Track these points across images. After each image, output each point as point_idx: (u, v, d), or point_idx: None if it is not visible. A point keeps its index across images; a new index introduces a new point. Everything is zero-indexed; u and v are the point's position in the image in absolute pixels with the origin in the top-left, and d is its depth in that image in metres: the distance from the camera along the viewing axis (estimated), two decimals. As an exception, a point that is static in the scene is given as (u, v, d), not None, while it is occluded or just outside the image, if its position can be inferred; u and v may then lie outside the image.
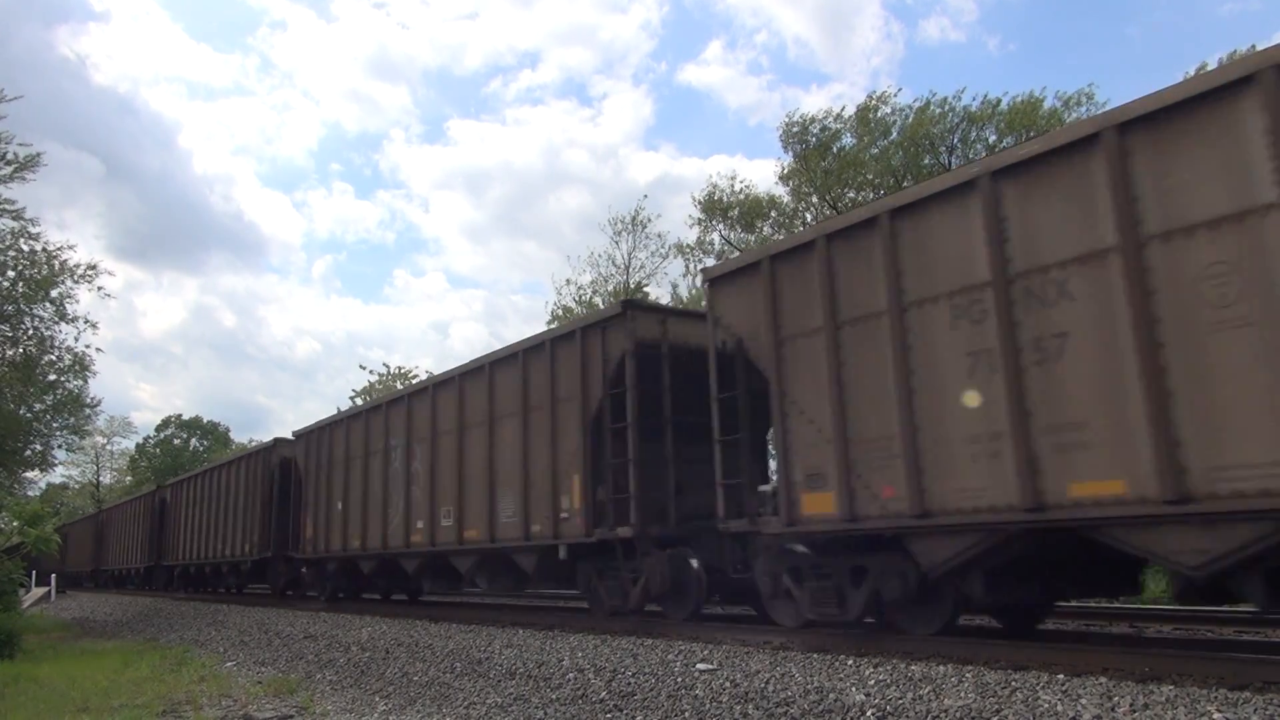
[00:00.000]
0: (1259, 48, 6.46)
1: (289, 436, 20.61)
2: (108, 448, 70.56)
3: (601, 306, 30.83)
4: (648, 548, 9.69)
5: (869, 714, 5.51)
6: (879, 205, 7.72)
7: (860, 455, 7.48)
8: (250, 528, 21.28)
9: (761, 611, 9.22)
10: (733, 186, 31.60)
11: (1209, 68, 19.86)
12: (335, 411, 20.35)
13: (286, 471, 20.10)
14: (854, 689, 5.97)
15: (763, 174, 67.00)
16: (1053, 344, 6.30)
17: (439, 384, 13.99)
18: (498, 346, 12.99)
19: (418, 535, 13.95)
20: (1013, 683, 5.59)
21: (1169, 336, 5.68)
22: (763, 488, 8.65)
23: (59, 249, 22.04)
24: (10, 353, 22.41)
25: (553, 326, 12.26)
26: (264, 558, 20.59)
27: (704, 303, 9.87)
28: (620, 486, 9.90)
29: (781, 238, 12.47)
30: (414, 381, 33.76)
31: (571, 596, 15.95)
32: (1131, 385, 5.80)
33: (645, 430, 9.88)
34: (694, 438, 9.67)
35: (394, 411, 15.25)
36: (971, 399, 6.71)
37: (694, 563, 9.48)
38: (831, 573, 7.99)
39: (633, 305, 10.39)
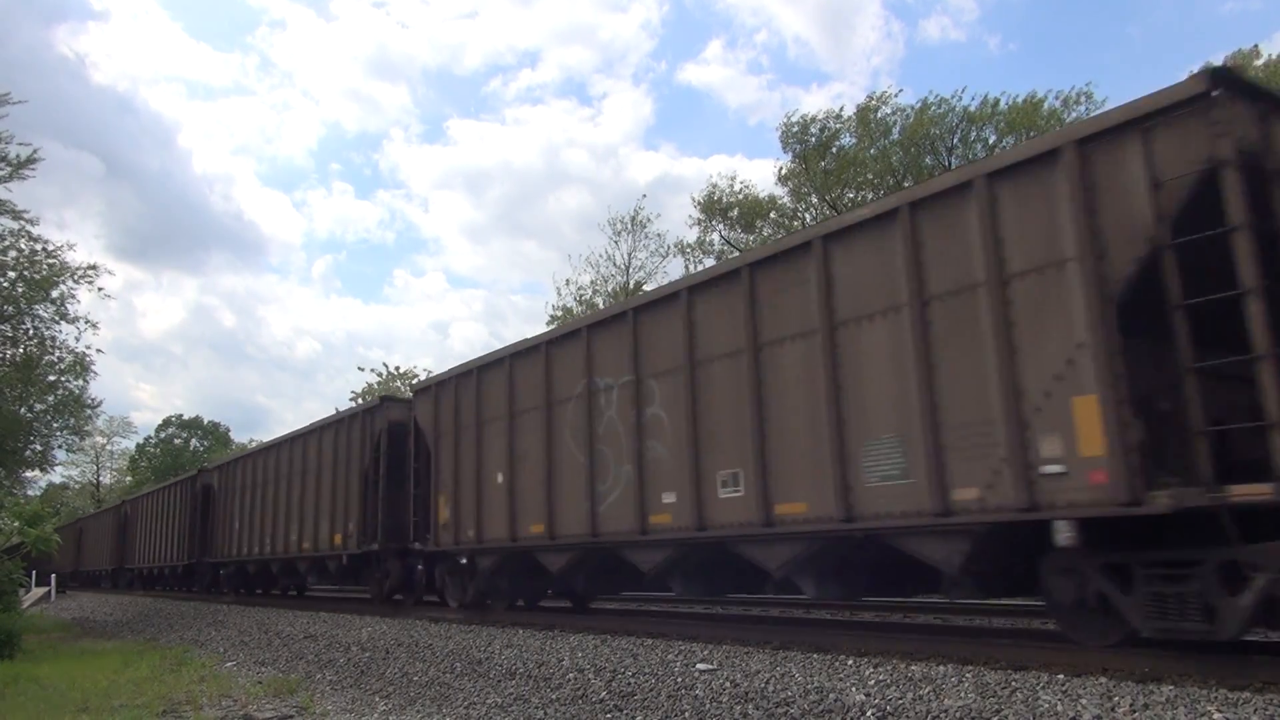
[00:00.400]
0: (1261, 47, 6.03)
1: (400, 396, 19.56)
2: (108, 448, 70.65)
3: (602, 307, 30.84)
4: (389, 556, 15.32)
5: (869, 714, 5.51)
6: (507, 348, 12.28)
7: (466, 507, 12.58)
8: (183, 538, 22.67)
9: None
10: (732, 187, 31.66)
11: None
12: (331, 411, 20.61)
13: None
14: (854, 689, 5.97)
15: (762, 174, 67.24)
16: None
17: (291, 439, 20.21)
18: (498, 346, 13.79)
19: (279, 545, 19.15)
20: (1013, 683, 5.59)
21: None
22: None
23: (59, 249, 22.10)
24: (11, 353, 22.44)
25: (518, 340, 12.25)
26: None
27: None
28: (374, 515, 15.50)
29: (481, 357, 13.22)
30: (424, 377, 33.67)
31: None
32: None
33: (393, 480, 15.14)
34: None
35: (268, 456, 20.77)
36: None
37: (419, 567, 14.94)
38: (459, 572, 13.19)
39: (387, 399, 16.68)
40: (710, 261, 30.52)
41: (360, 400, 44.85)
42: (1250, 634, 8.45)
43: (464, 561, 12.99)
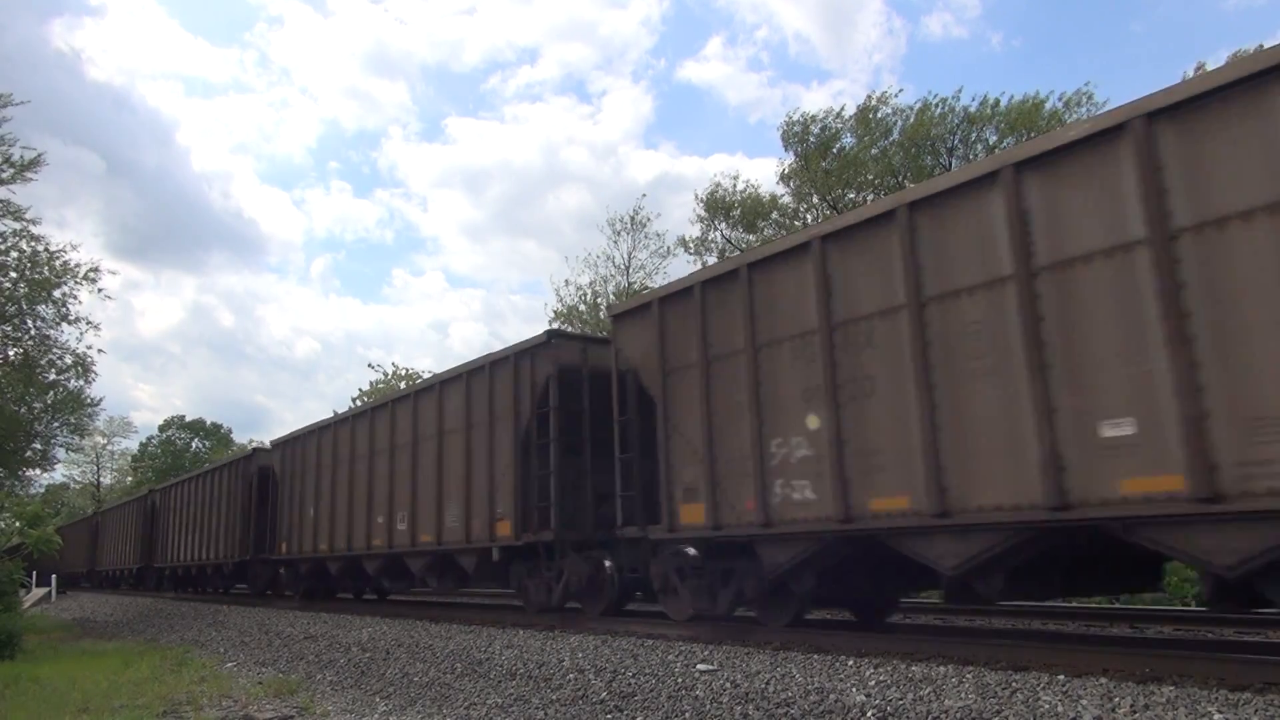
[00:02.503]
0: (1265, 45, 6.45)
1: (266, 445, 22.20)
2: (108, 448, 70.68)
3: (602, 306, 30.86)
4: (566, 550, 11.11)
5: (869, 715, 5.51)
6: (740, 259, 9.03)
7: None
8: (232, 531, 22.17)
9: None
10: (735, 186, 31.67)
11: (1208, 67, 19.84)
12: (327, 414, 20.47)
13: (265, 478, 20.86)
14: (854, 689, 5.97)
15: (763, 173, 66.73)
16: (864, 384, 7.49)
17: (396, 400, 15.43)
18: (498, 346, 13.19)
19: (379, 539, 15.09)
20: (1013, 683, 5.59)
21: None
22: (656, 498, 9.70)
23: (60, 250, 22.11)
24: (12, 353, 22.45)
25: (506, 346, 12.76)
26: (244, 560, 21.49)
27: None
28: (543, 495, 11.14)
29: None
30: (414, 382, 33.83)
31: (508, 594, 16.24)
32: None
33: (565, 445, 11.16)
34: (609, 452, 10.38)
35: (359, 424, 16.55)
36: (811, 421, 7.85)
37: (607, 564, 10.66)
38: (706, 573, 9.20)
39: (556, 334, 11.75)
40: (712, 259, 30.56)
41: (363, 399, 44.87)
42: (1251, 634, 8.47)
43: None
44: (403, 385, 41.16)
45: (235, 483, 22.28)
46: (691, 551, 9.16)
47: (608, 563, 10.69)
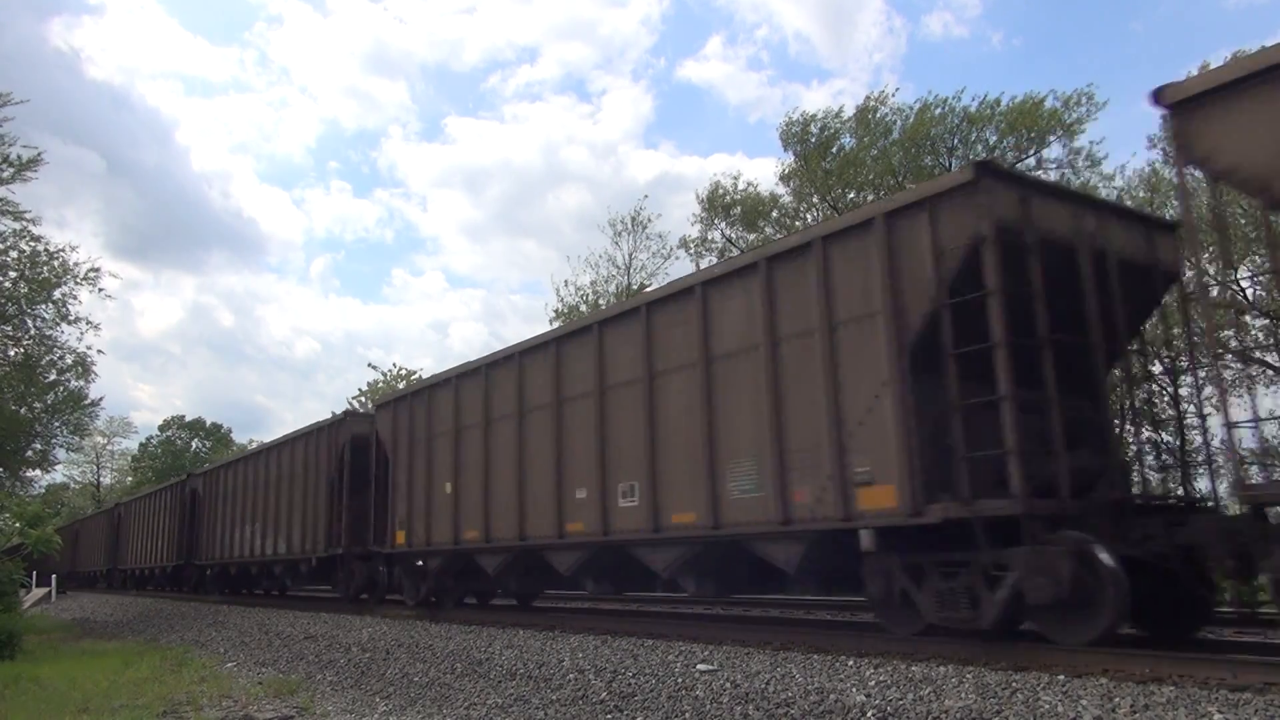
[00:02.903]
0: (1266, 45, 6.13)
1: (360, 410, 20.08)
2: (108, 448, 70.70)
3: (604, 307, 30.62)
4: (1035, 532, 6.51)
5: (869, 715, 5.51)
6: None
7: None
8: (313, 519, 17.76)
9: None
10: (736, 185, 31.68)
11: (1212, 66, 19.81)
12: (326, 415, 19.73)
13: (361, 450, 16.61)
14: (855, 690, 5.97)
15: (763, 173, 66.78)
16: None
17: (611, 318, 10.65)
18: (498, 347, 12.37)
19: (578, 521, 10.58)
20: (1013, 684, 5.59)
21: None
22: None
23: (60, 250, 22.12)
24: (13, 353, 22.47)
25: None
26: (332, 555, 16.95)
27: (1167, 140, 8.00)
28: (981, 440, 6.82)
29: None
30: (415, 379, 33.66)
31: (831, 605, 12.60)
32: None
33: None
34: (1069, 371, 7.14)
35: (536, 359, 11.74)
36: None
37: (1104, 556, 6.25)
38: None
39: (988, 170, 7.10)
40: (712, 260, 30.55)
41: (364, 399, 44.97)
42: (1251, 634, 8.45)
43: (415, 562, 15.27)
44: (401, 385, 41.15)
45: (318, 458, 17.88)
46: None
47: (1105, 555, 6.39)
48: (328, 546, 17.00)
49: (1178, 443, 8.23)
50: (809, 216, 29.48)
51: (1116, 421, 7.99)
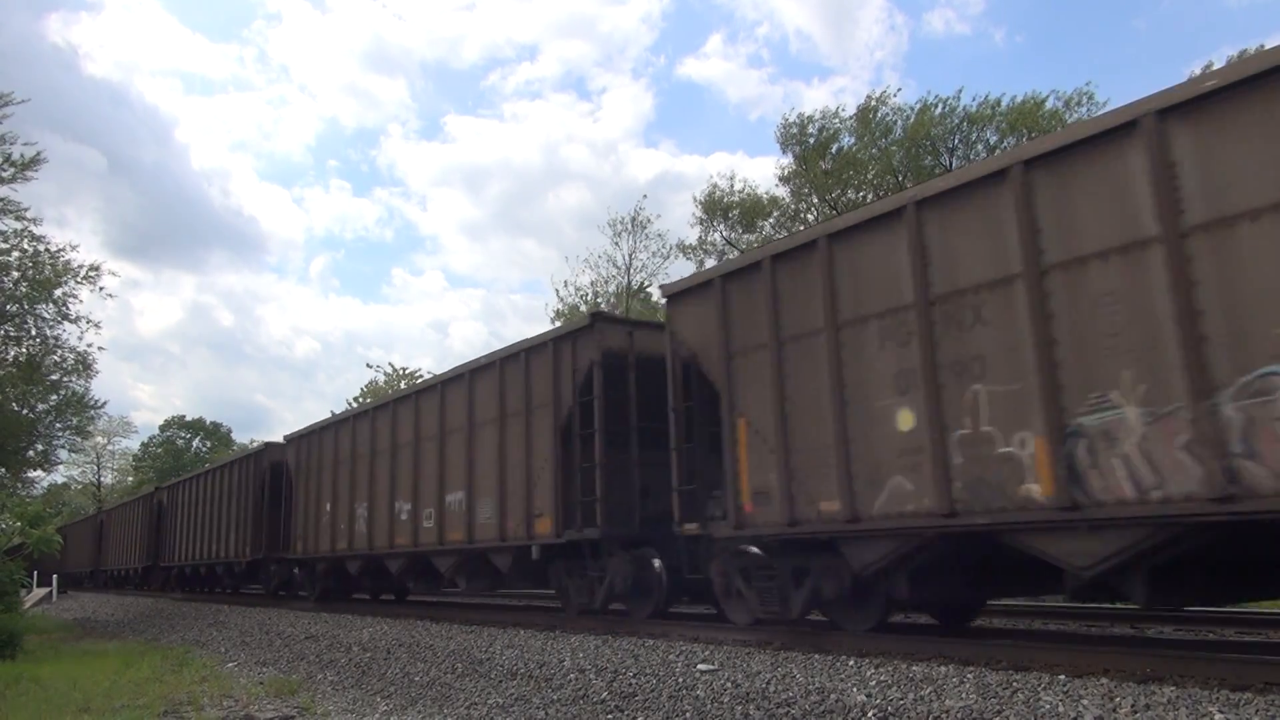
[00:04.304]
0: (1267, 45, 6.27)
1: (279, 440, 20.89)
2: (109, 448, 70.72)
3: (604, 307, 30.88)
4: (613, 548, 10.30)
5: (870, 715, 5.51)
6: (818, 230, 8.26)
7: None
8: (243, 530, 21.34)
9: (720, 610, 9.41)
10: (733, 186, 31.70)
11: (1214, 66, 19.87)
12: (330, 414, 20.03)
13: (278, 474, 20.32)
14: (855, 690, 5.97)
15: (764, 172, 66.67)
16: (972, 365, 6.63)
17: (421, 391, 14.63)
18: (498, 346, 13.33)
19: (402, 537, 14.34)
20: (1014, 683, 5.59)
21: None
22: (716, 493, 8.94)
23: (61, 250, 22.13)
24: (14, 352, 22.48)
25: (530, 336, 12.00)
26: (256, 559, 20.84)
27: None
28: (588, 489, 10.38)
29: (739, 255, 12.89)
30: (415, 381, 33.80)
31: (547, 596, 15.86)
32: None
33: (611, 436, 10.45)
34: (658, 443, 9.89)
35: (380, 416, 15.76)
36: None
37: (656, 563, 9.94)
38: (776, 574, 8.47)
39: (600, 317, 10.90)
40: (712, 261, 30.54)
41: (364, 398, 44.86)
42: (1251, 634, 8.47)
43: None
44: (401, 384, 41.15)
45: (247, 479, 21.52)
46: (756, 550, 8.59)
47: (656, 561, 9.83)
48: (253, 551, 20.73)
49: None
50: (809, 217, 29.49)
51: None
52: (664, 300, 9.86)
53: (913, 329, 7.02)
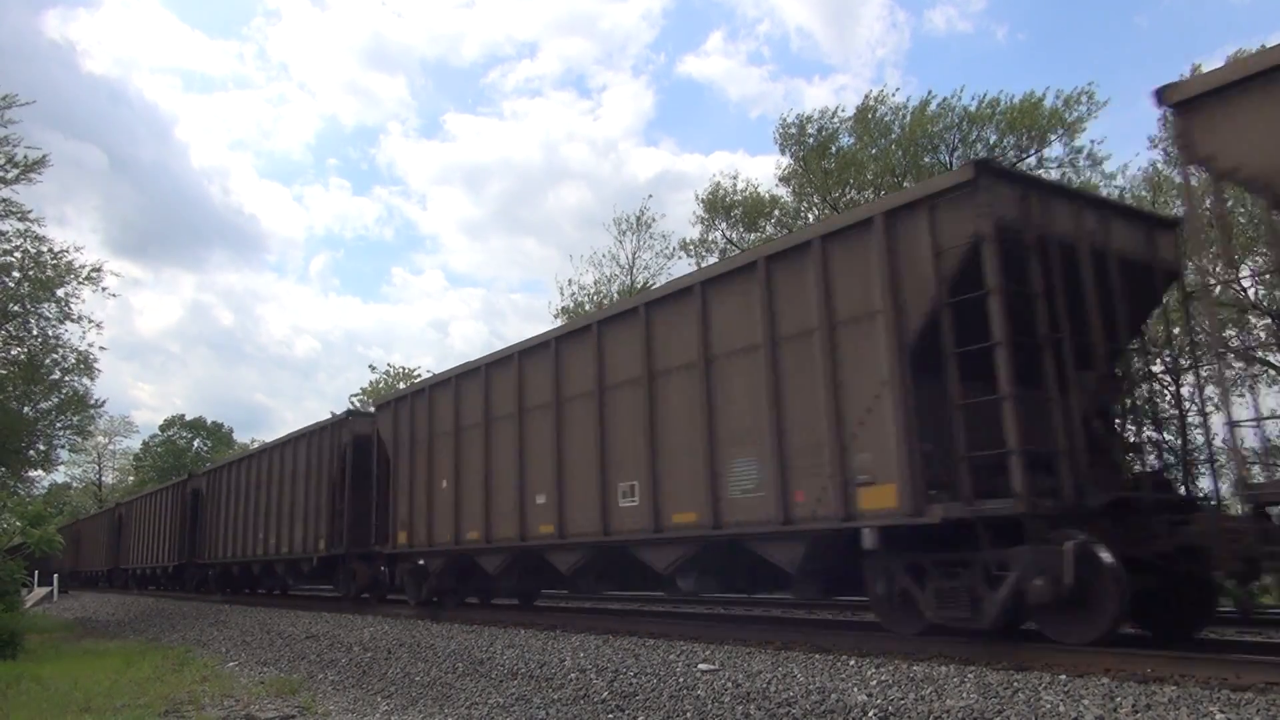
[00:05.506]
0: (1267, 44, 6.04)
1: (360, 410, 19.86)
2: (109, 447, 70.79)
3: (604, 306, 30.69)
4: (1038, 530, 6.54)
5: (871, 714, 5.51)
6: None
7: None
8: (316, 519, 17.62)
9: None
10: (735, 185, 31.70)
11: (1205, 68, 19.75)
12: (326, 414, 19.77)
13: (363, 450, 16.63)
14: (856, 689, 5.97)
15: (764, 171, 66.75)
16: None
17: (606, 320, 10.65)
18: (498, 346, 12.36)
19: (582, 521, 10.57)
20: (1015, 683, 5.59)
21: None
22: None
23: (63, 250, 22.16)
24: (16, 352, 22.50)
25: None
26: (335, 555, 16.99)
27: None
28: (982, 440, 6.79)
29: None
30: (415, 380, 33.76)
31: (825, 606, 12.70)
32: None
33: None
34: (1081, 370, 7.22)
35: (531, 361, 11.72)
36: None
37: (1105, 555, 6.34)
38: None
39: (987, 168, 7.11)
40: (713, 259, 30.54)
41: (364, 399, 45.01)
42: (1252, 634, 8.45)
43: (417, 563, 15.39)
44: (401, 385, 41.17)
45: (320, 458, 17.77)
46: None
47: (1105, 554, 6.40)
48: (329, 546, 16.96)
49: (1179, 441, 8.09)
50: (810, 216, 29.49)
51: (1118, 421, 7.87)
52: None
53: None
